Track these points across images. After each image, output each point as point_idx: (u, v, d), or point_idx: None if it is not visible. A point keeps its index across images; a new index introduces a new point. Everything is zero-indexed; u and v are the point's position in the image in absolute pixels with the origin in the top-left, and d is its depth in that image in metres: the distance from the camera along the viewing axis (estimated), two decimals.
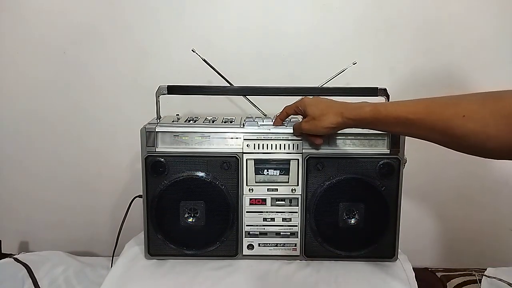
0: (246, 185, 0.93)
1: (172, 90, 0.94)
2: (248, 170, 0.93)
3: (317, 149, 0.92)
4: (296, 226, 0.95)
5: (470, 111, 0.60)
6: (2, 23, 1.21)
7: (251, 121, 0.94)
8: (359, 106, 0.76)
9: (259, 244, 0.96)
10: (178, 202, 0.93)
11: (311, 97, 0.87)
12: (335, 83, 1.02)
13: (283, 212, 0.95)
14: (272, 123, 0.94)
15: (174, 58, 1.22)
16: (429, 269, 1.24)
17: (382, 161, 0.92)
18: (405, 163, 0.93)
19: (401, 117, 0.68)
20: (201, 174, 0.92)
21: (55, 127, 1.27)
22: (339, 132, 0.92)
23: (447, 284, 1.14)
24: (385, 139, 0.92)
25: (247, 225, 0.95)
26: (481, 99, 0.60)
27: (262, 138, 0.92)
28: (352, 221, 0.94)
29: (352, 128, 0.81)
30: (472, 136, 0.60)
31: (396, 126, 0.71)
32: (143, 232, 0.95)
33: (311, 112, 0.83)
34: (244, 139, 0.92)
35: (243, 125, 0.94)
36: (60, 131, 1.27)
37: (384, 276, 0.92)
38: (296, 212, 0.95)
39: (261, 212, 0.95)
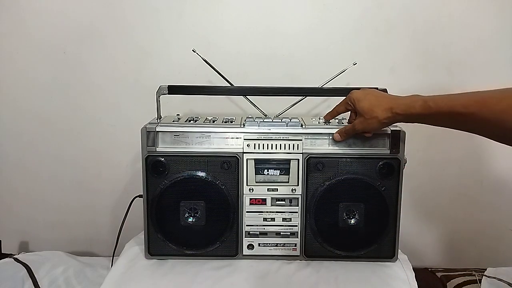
0: (246, 185, 0.93)
1: (173, 90, 0.94)
2: (248, 170, 0.93)
3: (318, 149, 0.92)
4: (296, 226, 0.95)
5: None
6: (2, 23, 1.21)
7: (251, 121, 0.94)
8: (409, 101, 0.76)
9: (259, 244, 0.96)
10: (178, 202, 0.93)
11: (359, 90, 0.87)
12: (335, 83, 1.02)
13: (283, 212, 0.95)
14: (271, 121, 0.95)
15: (174, 58, 1.22)
16: (429, 269, 1.24)
17: (382, 161, 0.92)
18: (405, 163, 0.93)
19: (452, 112, 0.68)
20: (201, 174, 0.92)
21: (55, 127, 1.27)
22: None
23: (447, 284, 1.14)
24: (385, 139, 0.92)
25: (247, 225, 0.95)
26: None
27: (262, 138, 0.92)
28: (352, 221, 0.94)
29: (400, 122, 0.81)
30: None
31: (446, 121, 0.71)
32: (143, 232, 0.95)
33: (360, 108, 0.83)
34: (244, 139, 0.92)
35: (243, 125, 0.94)
36: (60, 131, 1.27)
37: (384, 276, 0.92)
38: (296, 212, 0.95)
39: (261, 212, 0.95)
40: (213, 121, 0.97)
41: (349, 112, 0.91)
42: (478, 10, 1.18)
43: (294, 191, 0.94)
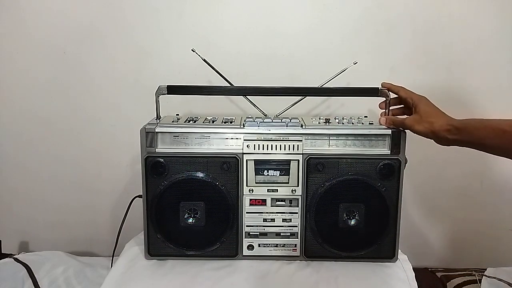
0: (246, 185, 0.93)
1: (172, 90, 0.94)
2: (248, 171, 0.93)
3: (318, 150, 0.92)
4: (296, 226, 0.95)
5: None
6: (2, 23, 1.21)
7: (251, 121, 0.94)
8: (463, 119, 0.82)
9: (259, 244, 0.96)
10: (178, 202, 0.93)
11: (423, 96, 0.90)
12: (335, 83, 1.02)
13: (283, 212, 0.95)
14: (271, 121, 0.94)
15: (174, 58, 1.21)
16: (429, 269, 1.24)
17: (382, 162, 0.92)
18: (405, 163, 0.93)
19: (499, 128, 0.75)
20: (201, 174, 0.92)
21: (55, 127, 1.27)
22: (339, 132, 0.92)
23: (447, 284, 1.14)
24: (385, 140, 0.92)
25: (247, 226, 0.95)
26: None
27: (262, 138, 0.92)
28: (352, 222, 0.94)
29: (448, 140, 0.82)
30: None
31: (490, 137, 0.76)
32: (143, 232, 0.95)
33: (421, 108, 0.87)
34: (244, 140, 0.92)
35: (243, 126, 0.93)
36: (60, 131, 1.27)
37: (384, 276, 0.92)
38: (296, 213, 0.95)
39: (261, 212, 0.95)
40: (213, 122, 0.97)
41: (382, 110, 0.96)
42: (478, 10, 1.18)
43: (294, 191, 0.94)
